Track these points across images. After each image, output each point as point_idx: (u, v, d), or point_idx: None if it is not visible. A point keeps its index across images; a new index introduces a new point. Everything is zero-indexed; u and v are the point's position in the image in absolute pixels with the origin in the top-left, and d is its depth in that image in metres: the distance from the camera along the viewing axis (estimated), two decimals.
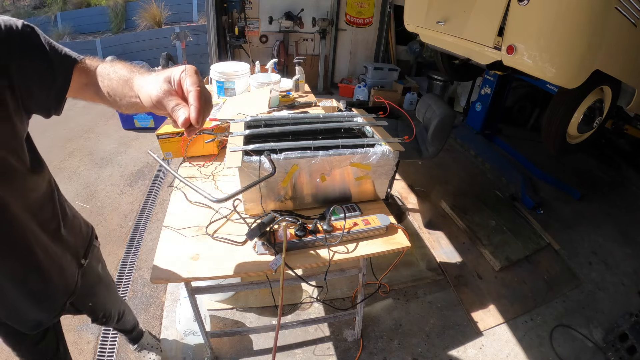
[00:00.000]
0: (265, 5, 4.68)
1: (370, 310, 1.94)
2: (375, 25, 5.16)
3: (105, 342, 1.74)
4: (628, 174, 3.45)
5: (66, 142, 3.60)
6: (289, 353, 1.70)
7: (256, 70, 2.46)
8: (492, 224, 2.59)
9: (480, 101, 3.64)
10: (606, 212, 2.87)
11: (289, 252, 1.13)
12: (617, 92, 2.33)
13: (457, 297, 2.06)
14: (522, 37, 1.94)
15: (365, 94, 4.76)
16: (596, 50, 1.83)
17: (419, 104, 2.59)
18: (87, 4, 7.43)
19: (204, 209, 1.34)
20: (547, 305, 2.06)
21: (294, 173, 1.22)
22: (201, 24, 6.49)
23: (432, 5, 2.63)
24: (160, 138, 1.57)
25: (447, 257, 2.34)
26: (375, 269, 1.62)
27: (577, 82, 1.89)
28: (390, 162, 1.30)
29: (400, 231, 1.28)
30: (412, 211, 2.74)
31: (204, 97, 0.59)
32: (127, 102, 0.66)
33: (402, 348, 1.76)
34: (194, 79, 0.59)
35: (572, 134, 2.46)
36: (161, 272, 1.08)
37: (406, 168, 3.21)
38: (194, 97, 0.58)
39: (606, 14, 1.75)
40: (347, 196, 1.38)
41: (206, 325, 1.57)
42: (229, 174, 1.54)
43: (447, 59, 3.39)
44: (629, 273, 2.32)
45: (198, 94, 0.58)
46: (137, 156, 3.39)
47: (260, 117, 1.49)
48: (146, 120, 3.84)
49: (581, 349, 1.84)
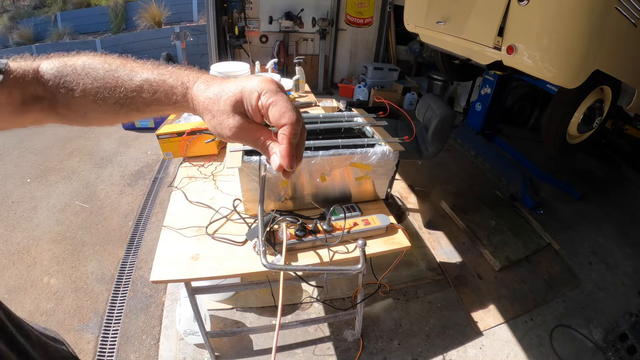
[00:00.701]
0: (265, 5, 4.68)
1: (370, 310, 1.94)
2: (375, 25, 5.16)
3: (105, 342, 1.74)
4: (628, 174, 3.45)
5: (66, 142, 3.60)
6: (289, 353, 1.70)
7: (256, 70, 2.47)
8: (492, 224, 2.59)
9: (480, 101, 3.64)
10: (606, 212, 2.87)
11: (289, 252, 1.13)
12: (617, 92, 2.33)
13: (457, 297, 2.06)
14: (522, 37, 1.93)
15: (365, 94, 4.76)
16: (596, 50, 1.83)
17: (419, 104, 2.59)
18: (87, 4, 7.43)
19: (204, 209, 1.34)
20: (547, 305, 2.06)
21: (294, 173, 1.22)
22: (201, 24, 6.49)
23: (432, 5, 2.63)
24: (160, 138, 1.57)
25: (447, 257, 2.34)
26: (375, 269, 1.62)
27: (577, 82, 1.89)
28: (390, 162, 1.30)
29: (400, 231, 1.28)
30: (412, 211, 2.74)
31: (296, 139, 0.40)
32: (139, 109, 0.45)
33: (402, 348, 1.76)
34: (280, 109, 0.38)
35: (572, 134, 2.46)
36: (161, 272, 1.07)
37: (406, 168, 3.21)
38: (285, 145, 0.39)
39: (606, 14, 1.75)
40: (347, 196, 1.38)
41: (206, 325, 1.57)
42: (229, 174, 1.54)
43: (447, 59, 3.39)
44: (629, 273, 2.32)
45: (289, 142, 0.39)
46: (137, 156, 3.38)
47: None
48: (146, 120, 3.84)
49: (581, 349, 1.84)
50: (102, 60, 0.45)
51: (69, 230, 2.43)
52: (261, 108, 0.39)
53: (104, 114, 0.46)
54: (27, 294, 1.95)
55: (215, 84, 0.42)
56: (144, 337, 1.77)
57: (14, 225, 2.46)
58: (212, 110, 0.41)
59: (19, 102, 0.44)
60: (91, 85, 0.44)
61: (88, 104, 0.45)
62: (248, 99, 0.40)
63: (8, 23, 7.00)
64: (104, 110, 0.45)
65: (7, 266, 2.12)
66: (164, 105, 0.44)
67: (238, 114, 0.40)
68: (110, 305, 1.92)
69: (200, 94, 0.42)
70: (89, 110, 0.45)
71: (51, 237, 2.36)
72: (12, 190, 2.82)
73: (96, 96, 0.44)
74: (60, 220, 2.52)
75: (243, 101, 0.40)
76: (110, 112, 0.45)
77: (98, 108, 0.45)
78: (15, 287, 1.99)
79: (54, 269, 2.12)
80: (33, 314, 1.84)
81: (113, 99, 0.44)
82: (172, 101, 0.43)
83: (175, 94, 0.43)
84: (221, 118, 0.40)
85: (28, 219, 2.52)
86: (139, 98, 0.44)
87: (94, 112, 0.46)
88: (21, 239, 2.33)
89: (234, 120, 0.40)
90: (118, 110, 0.45)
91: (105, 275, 2.10)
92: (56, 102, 0.45)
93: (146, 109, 0.45)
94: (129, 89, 0.44)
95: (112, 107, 0.45)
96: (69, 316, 1.85)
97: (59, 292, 1.98)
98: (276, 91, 0.39)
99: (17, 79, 0.42)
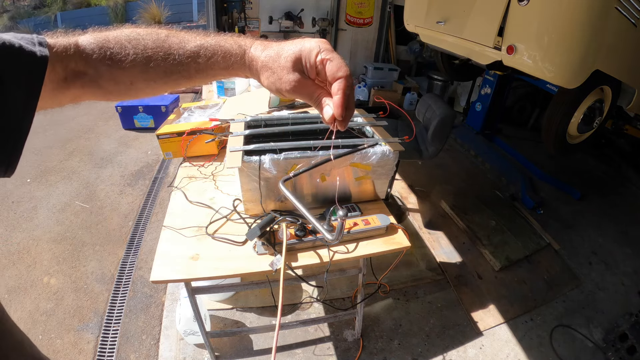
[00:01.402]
0: (265, 5, 4.68)
1: (370, 310, 1.94)
2: (375, 25, 5.16)
3: (105, 342, 1.74)
4: (628, 174, 3.45)
5: (66, 142, 3.60)
6: (289, 353, 1.70)
7: None
8: (492, 224, 2.59)
9: (480, 101, 3.64)
10: (606, 212, 2.87)
11: (289, 252, 1.13)
12: (617, 92, 2.33)
13: (457, 297, 2.06)
14: (522, 37, 1.94)
15: (365, 94, 4.76)
16: (596, 50, 1.83)
17: (419, 104, 2.59)
18: (87, 4, 7.44)
19: (204, 209, 1.34)
20: (547, 305, 2.06)
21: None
22: (201, 24, 6.50)
23: (432, 5, 2.63)
24: (160, 138, 1.57)
25: (447, 257, 2.34)
26: (375, 269, 1.61)
27: (577, 82, 1.89)
28: (390, 162, 1.30)
29: (400, 231, 1.28)
30: (412, 211, 2.74)
31: (350, 91, 0.44)
32: (190, 76, 0.46)
33: (402, 348, 1.76)
34: (337, 64, 0.43)
35: (572, 134, 2.46)
36: (161, 272, 1.07)
37: (406, 168, 3.21)
38: (340, 95, 0.43)
39: (606, 14, 1.75)
40: (347, 196, 1.38)
41: (206, 325, 1.57)
42: (229, 174, 1.54)
43: (447, 59, 3.39)
44: (629, 273, 2.32)
45: (344, 93, 0.43)
46: (137, 156, 3.38)
47: (260, 117, 1.49)
48: (146, 120, 3.84)
49: (581, 349, 1.84)
50: (149, 31, 0.46)
51: (69, 230, 2.43)
52: (319, 64, 0.43)
53: (152, 82, 0.47)
54: (27, 294, 1.95)
55: (272, 45, 0.46)
56: (144, 337, 1.77)
57: (14, 225, 2.46)
58: (272, 67, 0.44)
59: (61, 77, 0.43)
60: (142, 54, 0.44)
61: (136, 74, 0.45)
62: (307, 57, 0.43)
63: (8, 23, 7.01)
64: (152, 79, 0.46)
65: (7, 266, 2.13)
66: (219, 69, 0.46)
67: (297, 70, 0.44)
68: (110, 305, 1.92)
69: (259, 54, 0.45)
70: (137, 80, 0.46)
71: (51, 237, 2.36)
72: (12, 190, 2.82)
73: (147, 65, 0.45)
74: (60, 220, 2.52)
75: (302, 59, 0.44)
76: (159, 81, 0.47)
77: (147, 77, 0.46)
78: (15, 287, 1.99)
79: (54, 269, 2.12)
80: (33, 314, 1.84)
81: (164, 66, 0.45)
82: (230, 63, 0.46)
83: (234, 55, 0.46)
84: (281, 74, 0.44)
85: (28, 219, 2.52)
86: (193, 64, 0.45)
87: (141, 82, 0.46)
88: (21, 239, 2.33)
89: (293, 75, 0.44)
90: (167, 78, 0.46)
91: (105, 275, 2.10)
92: (99, 76, 0.45)
93: (197, 75, 0.46)
94: (184, 55, 0.45)
95: (162, 76, 0.46)
96: (69, 316, 1.85)
97: (59, 292, 1.98)
98: (332, 50, 0.44)
99: (58, 54, 0.42)
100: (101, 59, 0.44)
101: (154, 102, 3.88)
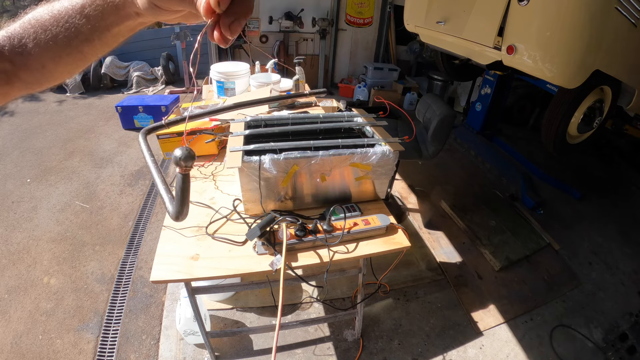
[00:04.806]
0: (265, 5, 4.68)
1: (370, 310, 1.94)
2: (375, 25, 5.16)
3: (105, 342, 1.74)
4: (628, 174, 3.45)
5: (66, 142, 3.60)
6: (289, 353, 1.70)
7: (256, 70, 2.46)
8: (492, 224, 2.59)
9: (480, 101, 3.64)
10: (606, 212, 2.87)
11: (289, 252, 1.13)
12: (617, 92, 2.33)
13: (457, 297, 2.06)
14: (522, 37, 1.93)
15: (365, 94, 4.76)
16: (596, 50, 1.83)
17: (419, 104, 2.59)
18: None
19: (204, 209, 1.34)
20: (547, 305, 2.06)
21: (294, 173, 1.22)
22: (201, 24, 6.49)
23: (432, 5, 2.63)
24: (160, 138, 1.57)
25: (447, 257, 2.34)
26: (375, 269, 1.62)
27: (577, 82, 1.89)
28: (390, 162, 1.30)
29: (400, 231, 1.28)
30: (412, 211, 2.74)
31: None
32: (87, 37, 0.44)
33: (402, 348, 1.76)
34: None
35: (572, 133, 2.46)
36: (161, 272, 1.08)
37: (406, 168, 3.21)
38: None
39: (606, 14, 1.75)
40: (347, 196, 1.38)
41: (206, 325, 1.57)
42: (229, 174, 1.54)
43: (447, 59, 3.39)
44: (629, 273, 2.32)
45: None
46: (137, 156, 3.38)
47: (260, 117, 1.49)
48: (146, 121, 3.84)
49: (581, 349, 1.84)
50: (45, 5, 0.43)
51: (69, 230, 2.43)
52: None
53: (58, 59, 0.44)
54: (27, 294, 1.95)
55: None
56: (144, 337, 1.77)
57: (14, 225, 2.46)
58: None
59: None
60: (42, 32, 0.42)
61: (43, 53, 0.43)
62: None
63: None
64: (57, 55, 0.44)
65: (7, 266, 2.13)
66: (108, 15, 0.43)
67: None
68: (110, 305, 1.92)
69: None
70: (46, 61, 0.44)
71: (51, 237, 2.36)
72: (12, 190, 2.82)
73: (49, 42, 0.43)
74: (60, 220, 2.52)
75: None
76: (63, 54, 0.44)
77: (53, 55, 0.44)
78: (15, 287, 1.99)
79: (54, 269, 2.12)
80: (33, 314, 1.84)
81: (63, 37, 0.43)
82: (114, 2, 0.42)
83: None
84: None
85: (28, 219, 2.52)
86: (84, 20, 0.43)
87: (50, 63, 0.45)
88: (21, 239, 2.33)
89: None
90: (69, 47, 0.43)
91: (105, 275, 2.10)
92: (17, 68, 0.44)
93: (93, 34, 0.43)
94: (74, 16, 0.42)
95: (63, 47, 0.43)
96: (69, 316, 1.85)
97: (59, 292, 1.98)
98: None
99: None
100: (12, 50, 0.42)
101: (154, 102, 3.88)
